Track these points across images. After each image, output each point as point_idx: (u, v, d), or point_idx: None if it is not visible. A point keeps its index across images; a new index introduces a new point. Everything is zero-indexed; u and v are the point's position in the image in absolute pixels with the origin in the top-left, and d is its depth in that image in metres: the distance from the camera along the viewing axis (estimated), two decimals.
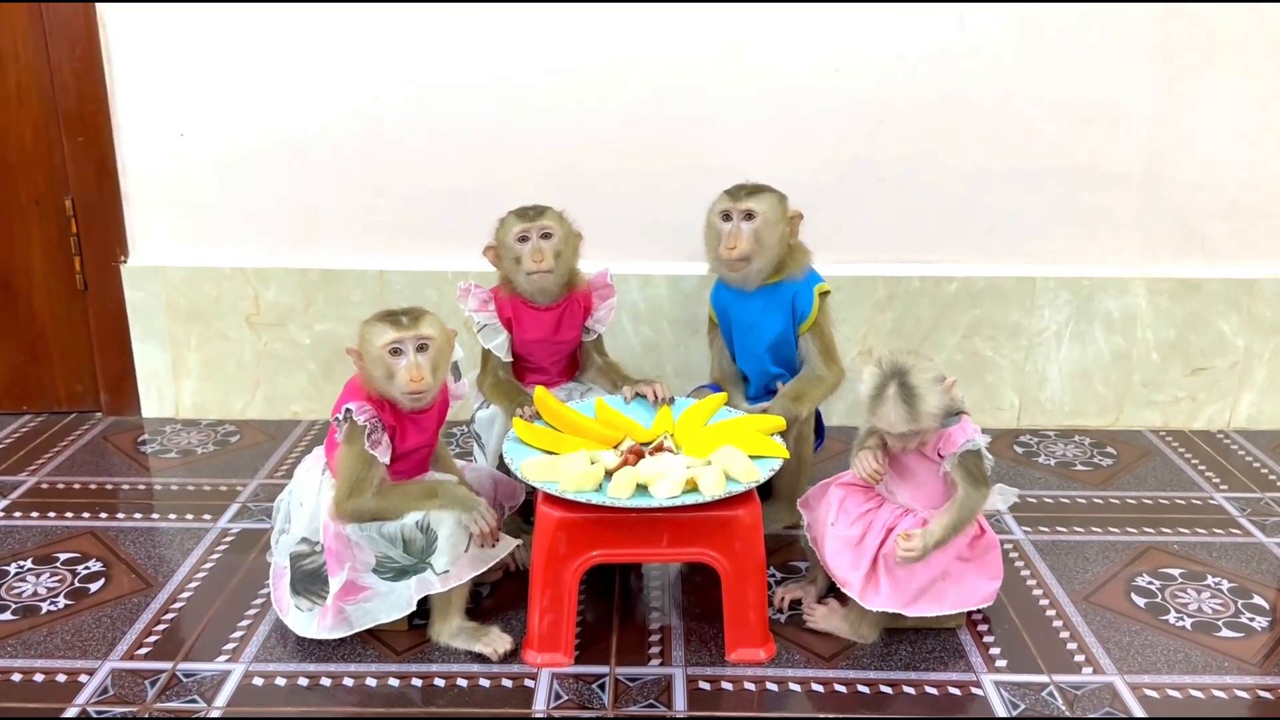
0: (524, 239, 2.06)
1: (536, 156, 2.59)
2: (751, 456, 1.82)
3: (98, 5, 2.52)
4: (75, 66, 2.55)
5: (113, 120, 2.60)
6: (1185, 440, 2.69)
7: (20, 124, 2.60)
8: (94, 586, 2.02)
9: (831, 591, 1.89)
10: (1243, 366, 2.70)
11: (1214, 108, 2.57)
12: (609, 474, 1.78)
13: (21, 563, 2.10)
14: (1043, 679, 1.75)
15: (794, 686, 1.73)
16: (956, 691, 1.72)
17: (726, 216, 2.07)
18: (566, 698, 1.70)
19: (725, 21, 2.50)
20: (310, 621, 1.80)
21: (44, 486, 2.42)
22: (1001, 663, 1.79)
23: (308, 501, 1.83)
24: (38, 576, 2.05)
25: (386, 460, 1.75)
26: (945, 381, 1.72)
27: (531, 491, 1.90)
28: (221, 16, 2.52)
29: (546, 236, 2.06)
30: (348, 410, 1.72)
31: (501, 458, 1.91)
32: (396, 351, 1.72)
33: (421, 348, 1.73)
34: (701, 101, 2.56)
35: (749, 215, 2.05)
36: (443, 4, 2.50)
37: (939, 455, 1.74)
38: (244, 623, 1.90)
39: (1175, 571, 2.08)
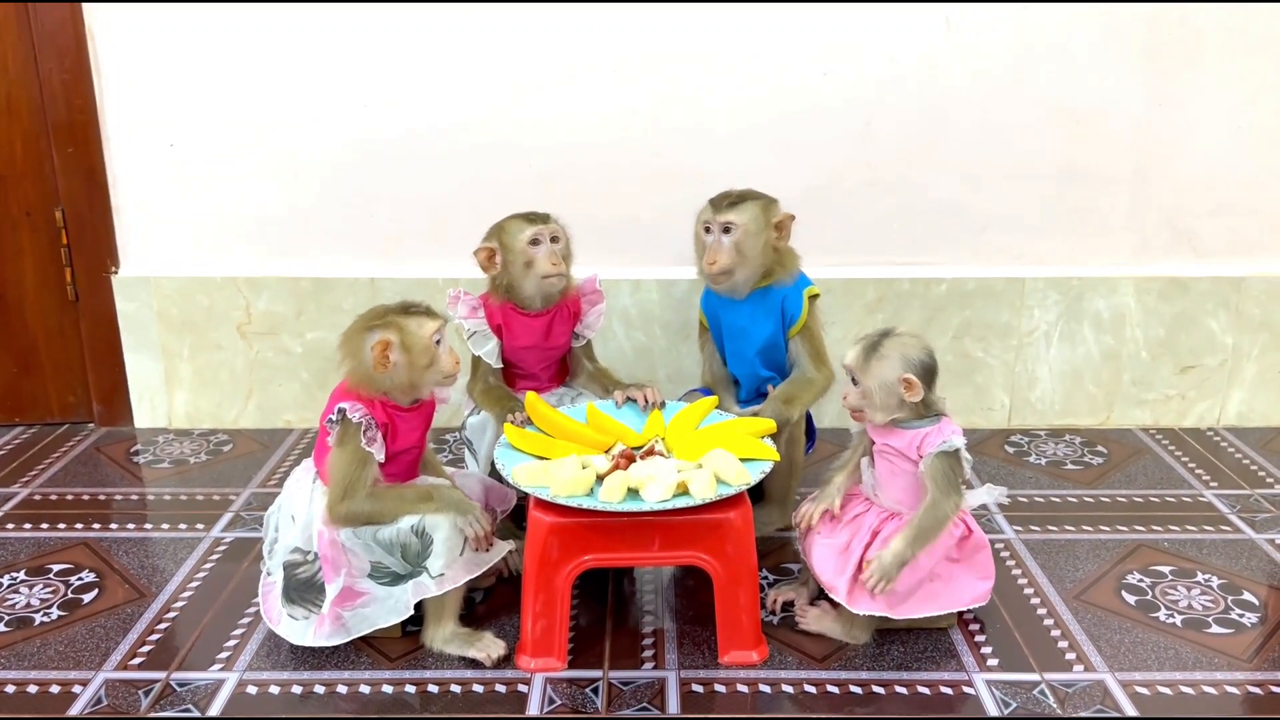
0: (536, 242, 2.07)
1: (527, 163, 2.60)
2: (742, 459, 1.82)
3: (86, 15, 2.52)
4: (64, 78, 2.55)
5: (102, 131, 2.60)
6: (1175, 438, 2.70)
7: (10, 136, 2.60)
8: (87, 597, 2.02)
9: (824, 594, 1.90)
10: (1232, 364, 2.71)
11: (1202, 107, 2.58)
12: (600, 479, 1.79)
13: (14, 574, 2.10)
14: (1034, 677, 1.76)
15: (787, 688, 1.74)
16: (948, 691, 1.73)
17: (708, 228, 2.08)
18: (560, 702, 1.70)
19: (714, 26, 2.51)
20: (306, 630, 1.81)
21: (37, 498, 2.42)
22: (993, 662, 1.80)
23: (299, 513, 1.83)
24: (31, 588, 2.05)
25: (382, 457, 1.76)
26: (907, 375, 1.73)
27: (524, 497, 1.91)
28: (211, 27, 2.52)
29: (555, 240, 2.08)
30: (341, 409, 1.73)
31: (493, 463, 1.92)
32: (439, 341, 1.79)
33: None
34: (691, 106, 2.57)
35: (728, 228, 2.05)
36: (433, 11, 2.50)
37: (919, 455, 1.75)
38: (238, 631, 1.90)
39: (1166, 569, 2.09)
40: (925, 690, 1.73)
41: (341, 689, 1.74)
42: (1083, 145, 2.60)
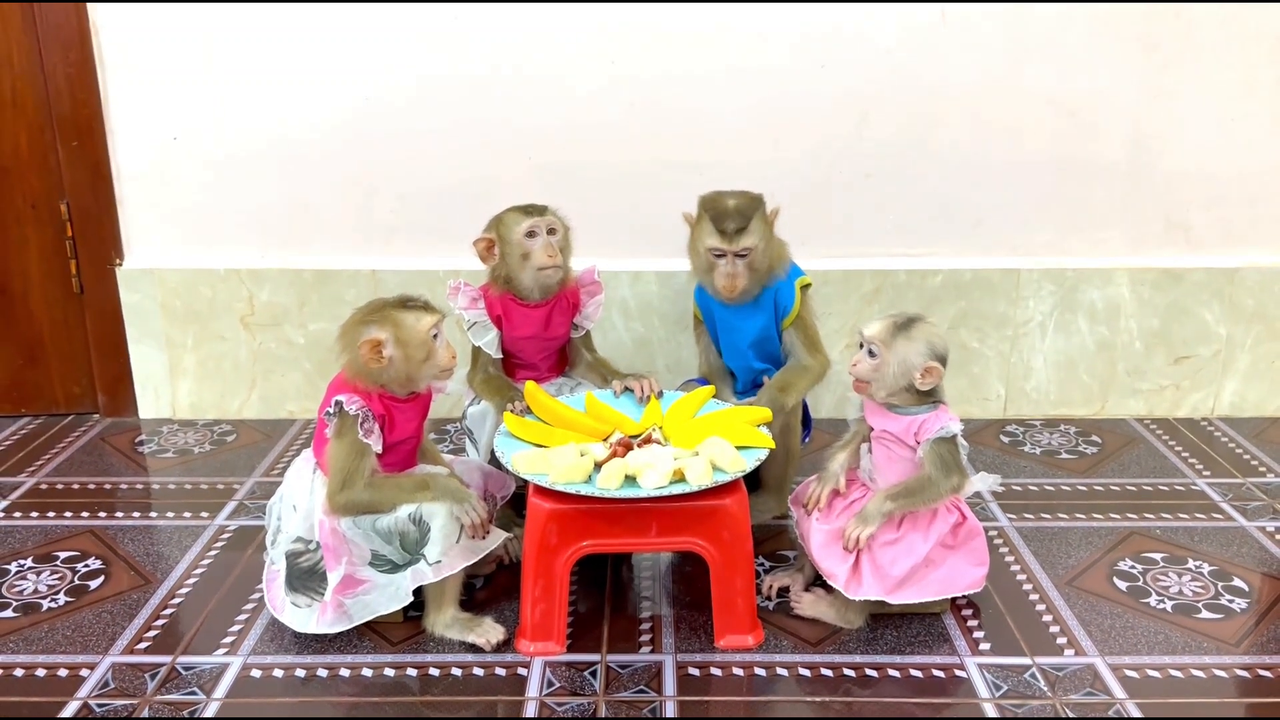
0: (533, 235, 2.09)
1: (526, 155, 2.62)
2: (738, 447, 1.85)
3: (90, 10, 2.55)
4: (69, 71, 2.58)
5: (107, 124, 2.63)
6: (1169, 428, 2.72)
7: (15, 129, 2.63)
8: (94, 584, 2.05)
9: (819, 580, 1.92)
10: (1225, 354, 2.74)
11: (1195, 99, 2.60)
12: (598, 466, 1.82)
13: (22, 561, 2.13)
14: (1025, 661, 1.78)
15: (781, 671, 1.77)
16: (940, 674, 1.75)
17: (720, 254, 2.06)
18: (559, 685, 1.73)
19: (711, 19, 2.53)
20: (309, 617, 1.83)
21: (43, 487, 2.45)
22: (985, 646, 1.83)
23: (301, 503, 1.86)
24: (38, 575, 2.08)
25: (379, 449, 1.79)
26: (932, 363, 1.75)
27: (523, 484, 1.94)
28: (213, 20, 2.55)
29: (552, 232, 2.10)
30: (338, 402, 1.76)
31: (493, 451, 1.94)
32: (435, 335, 1.81)
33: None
34: (689, 98, 2.59)
35: (743, 253, 2.05)
36: (432, 5, 2.53)
37: (916, 441, 1.78)
38: (242, 617, 1.93)
39: (1157, 556, 2.12)
40: (918, 673, 1.76)
41: (344, 673, 1.77)
42: (1077, 137, 2.62)
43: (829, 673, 1.76)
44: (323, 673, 1.77)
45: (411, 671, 1.77)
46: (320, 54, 2.57)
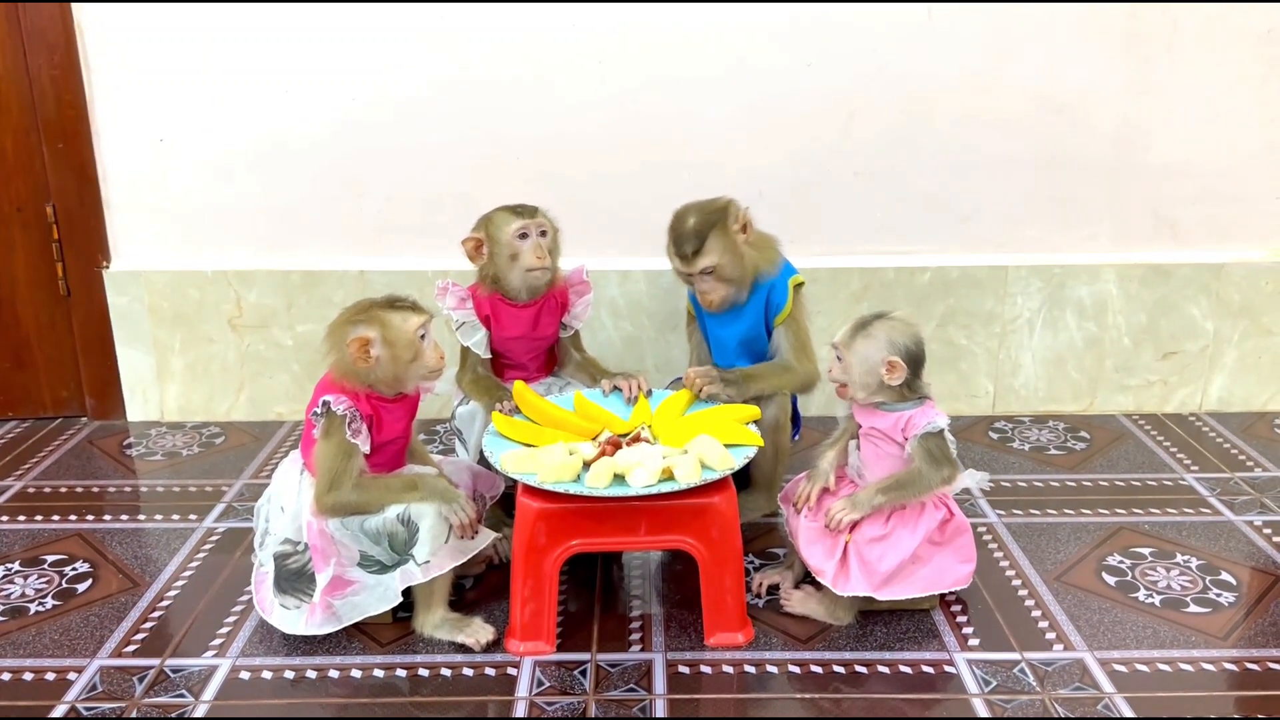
0: (524, 235, 2.09)
1: (514, 155, 2.62)
2: (727, 445, 1.85)
3: (75, 11, 2.54)
4: (54, 74, 2.57)
5: (92, 127, 2.62)
6: (1158, 423, 2.73)
7: (0, 132, 2.62)
8: (81, 587, 2.04)
9: (808, 577, 1.93)
10: (1213, 350, 2.75)
11: (1181, 94, 2.61)
12: (587, 465, 1.81)
13: (9, 565, 2.12)
14: (1014, 656, 1.79)
15: (771, 668, 1.77)
16: (930, 670, 1.76)
17: (689, 279, 2.09)
18: (548, 684, 1.73)
19: (698, 19, 2.53)
20: (298, 619, 1.83)
21: (31, 490, 2.44)
22: (974, 641, 1.83)
23: (289, 504, 1.86)
24: (25, 578, 2.07)
25: (367, 449, 1.78)
26: (891, 357, 1.76)
27: (513, 484, 1.93)
28: (200, 21, 2.54)
29: (543, 233, 2.10)
30: (325, 403, 1.75)
31: (482, 452, 1.94)
32: (423, 336, 1.81)
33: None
34: (676, 98, 2.59)
35: (707, 271, 2.07)
36: (419, 7, 2.52)
37: (904, 438, 1.78)
38: (230, 619, 1.93)
39: (1146, 550, 2.12)
40: (907, 670, 1.76)
41: (333, 674, 1.77)
42: (1064, 134, 2.63)
43: (819, 669, 1.76)
44: (312, 674, 1.77)
45: (401, 672, 1.77)
46: (307, 55, 2.56)
